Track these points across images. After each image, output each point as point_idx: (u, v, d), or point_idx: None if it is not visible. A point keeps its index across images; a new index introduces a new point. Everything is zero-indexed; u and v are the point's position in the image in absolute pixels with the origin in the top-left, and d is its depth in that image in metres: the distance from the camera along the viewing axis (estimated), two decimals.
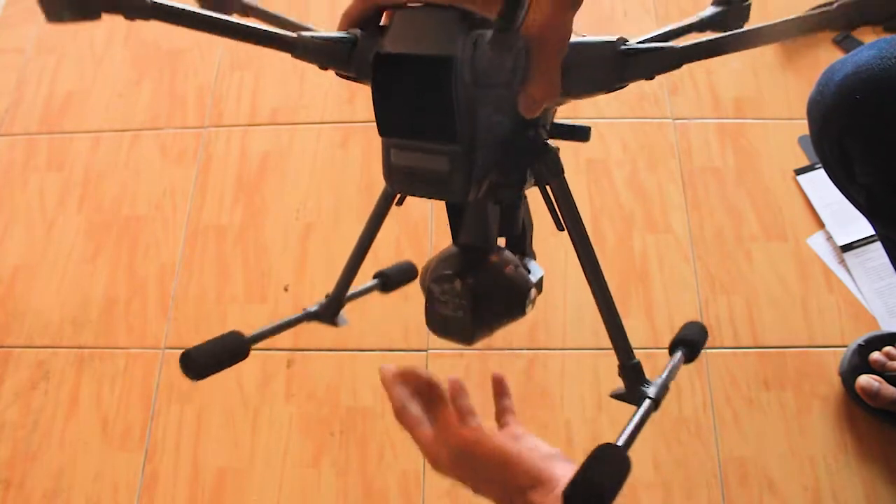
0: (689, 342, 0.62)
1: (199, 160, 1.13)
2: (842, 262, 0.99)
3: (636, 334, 0.96)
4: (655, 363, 0.94)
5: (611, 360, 0.99)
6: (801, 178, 1.04)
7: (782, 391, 0.91)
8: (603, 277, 0.45)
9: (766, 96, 1.11)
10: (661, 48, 0.41)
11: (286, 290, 1.02)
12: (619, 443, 0.39)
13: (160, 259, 1.06)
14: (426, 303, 0.49)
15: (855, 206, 0.65)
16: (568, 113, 1.10)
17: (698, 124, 1.10)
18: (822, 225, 1.01)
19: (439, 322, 0.50)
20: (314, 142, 1.13)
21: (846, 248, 0.99)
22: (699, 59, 0.39)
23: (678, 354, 0.53)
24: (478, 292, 0.47)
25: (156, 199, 1.10)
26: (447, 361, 0.96)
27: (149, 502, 0.90)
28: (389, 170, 0.42)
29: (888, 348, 0.87)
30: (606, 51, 0.42)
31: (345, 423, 0.93)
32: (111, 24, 1.28)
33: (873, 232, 0.98)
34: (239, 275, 1.03)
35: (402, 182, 0.42)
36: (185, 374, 0.57)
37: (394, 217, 1.05)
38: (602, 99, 1.12)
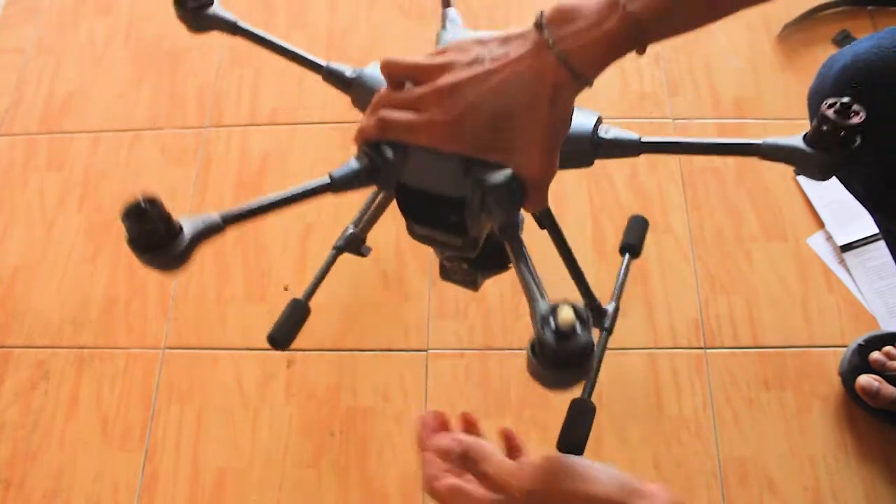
0: (632, 247, 0.85)
1: (199, 160, 1.13)
2: (842, 261, 0.98)
3: (636, 334, 0.96)
4: (656, 363, 0.94)
5: (611, 360, 0.99)
6: (800, 177, 1.04)
7: (782, 391, 0.91)
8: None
9: (766, 96, 1.11)
10: (627, 141, 0.55)
11: (286, 289, 1.02)
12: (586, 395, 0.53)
13: None
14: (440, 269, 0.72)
15: (856, 197, 0.65)
16: None
17: (698, 124, 1.10)
18: (821, 225, 1.01)
19: (451, 278, 0.72)
20: (314, 142, 1.13)
21: (846, 247, 0.99)
22: (657, 153, 0.55)
23: (626, 258, 0.65)
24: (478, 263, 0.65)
25: None
26: (447, 361, 0.96)
27: (149, 502, 0.90)
28: (411, 232, 0.55)
29: (888, 348, 0.86)
30: (584, 144, 0.57)
31: (345, 423, 0.93)
32: (111, 23, 1.28)
33: (873, 232, 0.98)
34: (239, 275, 1.03)
35: (421, 240, 0.56)
36: (276, 349, 0.83)
37: (393, 216, 1.05)
38: (602, 99, 1.12)
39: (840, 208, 1.01)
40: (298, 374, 0.96)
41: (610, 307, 0.84)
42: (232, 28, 0.64)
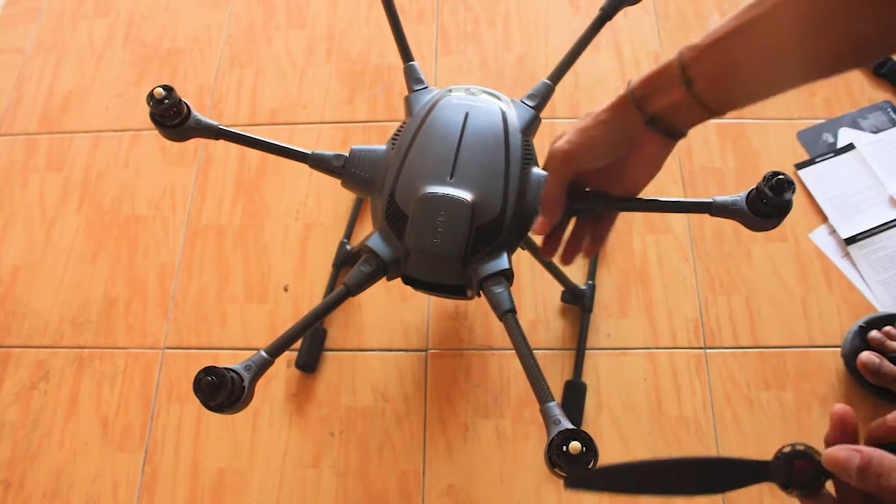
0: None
1: (198, 160, 1.13)
2: (846, 255, 0.99)
3: (636, 334, 0.96)
4: (656, 363, 0.94)
5: (611, 360, 1.00)
6: (801, 172, 1.04)
7: (782, 391, 0.91)
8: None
9: None
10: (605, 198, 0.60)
11: (286, 290, 1.02)
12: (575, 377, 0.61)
13: (160, 259, 1.06)
14: None
15: None
16: (567, 112, 1.10)
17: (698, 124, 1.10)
18: (825, 219, 1.01)
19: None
20: (314, 142, 1.13)
21: (850, 240, 0.99)
22: (630, 211, 0.60)
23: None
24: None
25: (156, 199, 1.10)
26: (447, 361, 0.96)
27: (148, 502, 0.90)
28: (412, 287, 0.61)
29: (888, 328, 0.87)
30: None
31: (345, 423, 0.93)
32: (111, 23, 1.28)
33: (877, 223, 0.99)
34: (239, 275, 1.03)
35: (422, 292, 0.62)
36: (303, 372, 0.95)
37: None
38: (602, 99, 1.12)
39: (843, 202, 1.01)
40: (298, 373, 0.96)
41: (586, 287, 0.96)
42: (216, 133, 0.65)
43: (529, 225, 0.61)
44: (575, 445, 0.43)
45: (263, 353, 0.54)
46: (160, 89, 0.61)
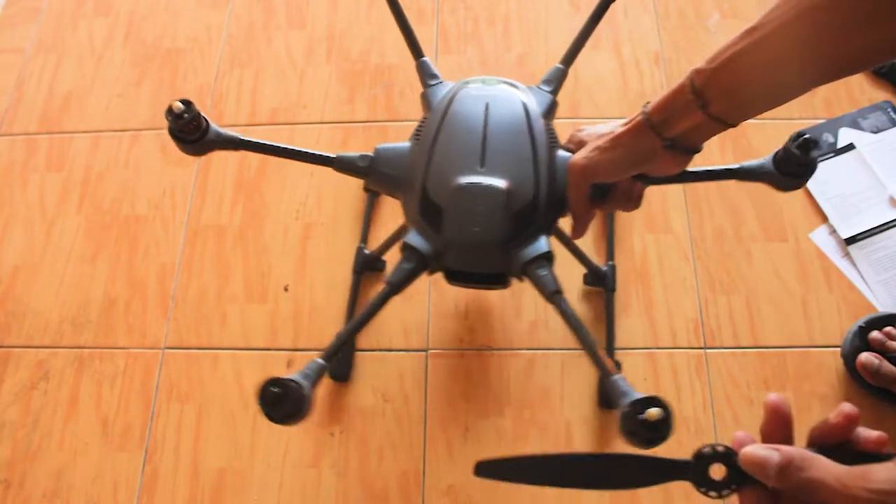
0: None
1: (198, 160, 1.13)
2: (846, 255, 0.99)
3: (636, 334, 0.96)
4: (656, 363, 0.94)
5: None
6: None
7: (782, 391, 0.91)
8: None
9: None
10: None
11: (286, 290, 1.02)
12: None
13: (160, 259, 1.06)
14: None
15: None
16: (567, 112, 1.11)
17: None
18: (825, 219, 1.01)
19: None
20: (314, 142, 1.13)
21: (850, 240, 0.99)
22: (657, 184, 0.64)
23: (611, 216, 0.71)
24: None
25: (156, 199, 1.10)
26: (447, 361, 0.96)
27: (148, 502, 0.90)
28: (451, 281, 0.62)
29: (889, 328, 0.87)
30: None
31: (345, 423, 0.93)
32: (111, 23, 1.28)
33: (877, 223, 0.99)
34: (239, 275, 1.03)
35: (460, 285, 0.62)
36: (337, 381, 0.94)
37: (394, 216, 1.05)
38: (602, 98, 1.12)
39: (843, 202, 1.01)
40: None
41: (607, 268, 0.97)
42: (237, 145, 0.63)
43: (562, 206, 0.62)
44: (653, 412, 0.44)
45: (319, 360, 0.54)
46: (179, 104, 0.58)
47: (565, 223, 0.65)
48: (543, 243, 0.60)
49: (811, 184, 1.03)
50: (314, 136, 1.13)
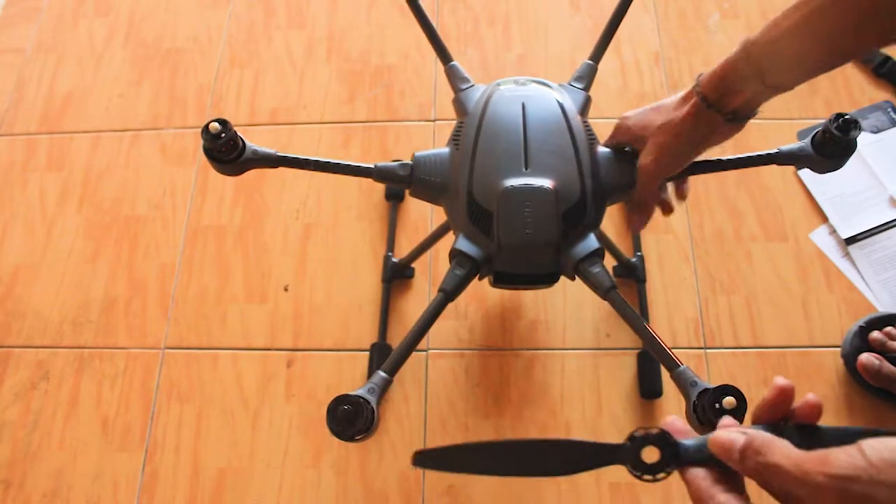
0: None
1: (199, 160, 1.13)
2: (846, 255, 0.99)
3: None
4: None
5: (611, 360, 0.99)
6: (802, 172, 1.04)
7: None
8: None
9: None
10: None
11: (286, 290, 1.02)
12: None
13: (160, 259, 1.06)
14: None
15: None
16: None
17: None
18: (825, 219, 1.01)
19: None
20: (314, 142, 1.13)
21: (850, 240, 0.99)
22: (702, 173, 0.64)
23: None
24: None
25: (156, 199, 1.10)
26: (447, 361, 0.96)
27: (149, 502, 0.90)
28: (500, 284, 0.62)
29: (889, 328, 0.87)
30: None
31: None
32: (111, 23, 1.28)
33: (877, 223, 0.99)
34: (239, 275, 1.03)
35: (508, 287, 0.63)
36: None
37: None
38: (602, 99, 1.12)
39: (843, 202, 1.01)
40: (298, 374, 0.96)
41: (636, 259, 0.98)
42: (275, 162, 0.62)
43: (607, 203, 0.63)
44: (730, 400, 0.46)
45: (383, 374, 0.54)
46: (216, 124, 0.57)
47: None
48: (593, 240, 0.60)
49: (811, 184, 1.03)
50: (314, 136, 1.13)
